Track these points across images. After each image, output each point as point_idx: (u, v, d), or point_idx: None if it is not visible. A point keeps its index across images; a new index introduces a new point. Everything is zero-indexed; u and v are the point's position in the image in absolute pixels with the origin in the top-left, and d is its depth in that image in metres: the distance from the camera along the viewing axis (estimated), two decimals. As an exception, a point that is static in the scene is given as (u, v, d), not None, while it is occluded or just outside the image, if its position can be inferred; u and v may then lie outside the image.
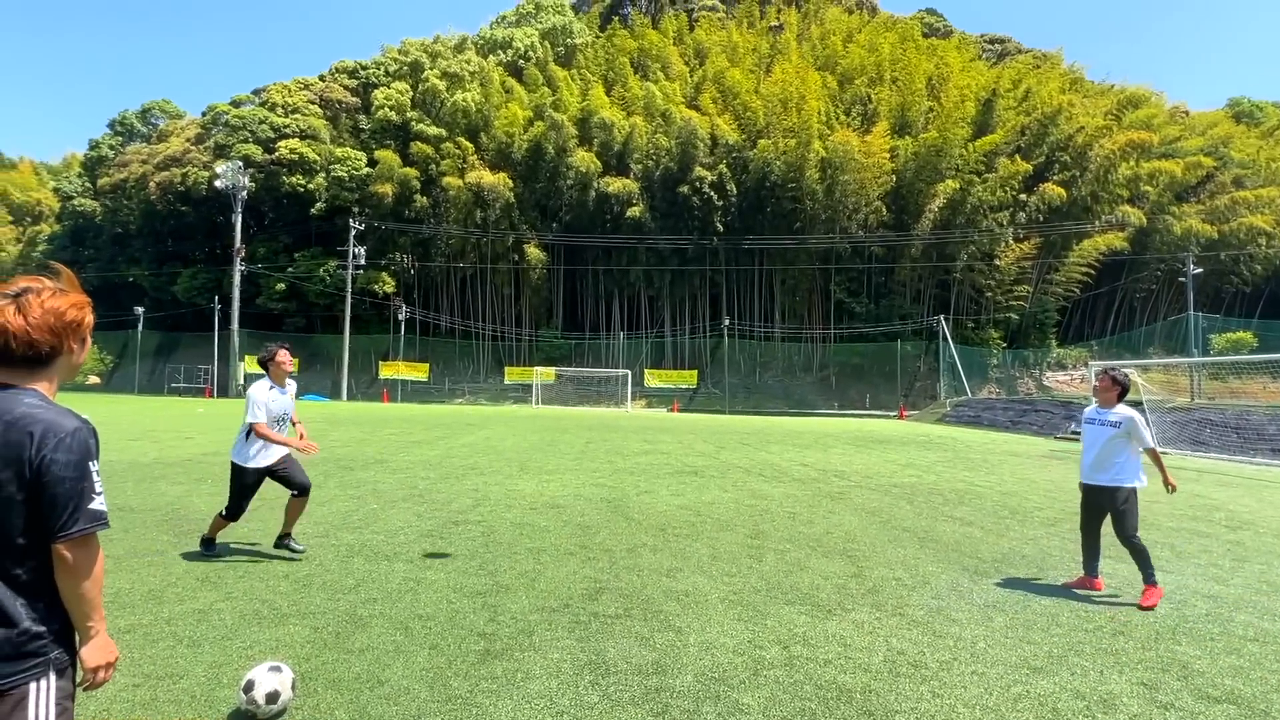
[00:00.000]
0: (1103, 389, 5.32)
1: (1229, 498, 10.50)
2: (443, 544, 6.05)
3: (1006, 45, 67.34)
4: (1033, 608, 4.64)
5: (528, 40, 58.71)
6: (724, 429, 25.17)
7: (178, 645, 3.61)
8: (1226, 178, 53.48)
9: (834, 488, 10.22)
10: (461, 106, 52.61)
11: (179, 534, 6.16)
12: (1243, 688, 3.49)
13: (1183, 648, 4.02)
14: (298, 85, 55.29)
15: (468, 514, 7.43)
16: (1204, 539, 7.27)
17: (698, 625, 4.14)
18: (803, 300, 50.62)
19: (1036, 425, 29.03)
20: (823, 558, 5.89)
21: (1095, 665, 3.71)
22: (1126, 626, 4.35)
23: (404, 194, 51.86)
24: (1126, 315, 52.80)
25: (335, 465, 11.20)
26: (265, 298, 51.59)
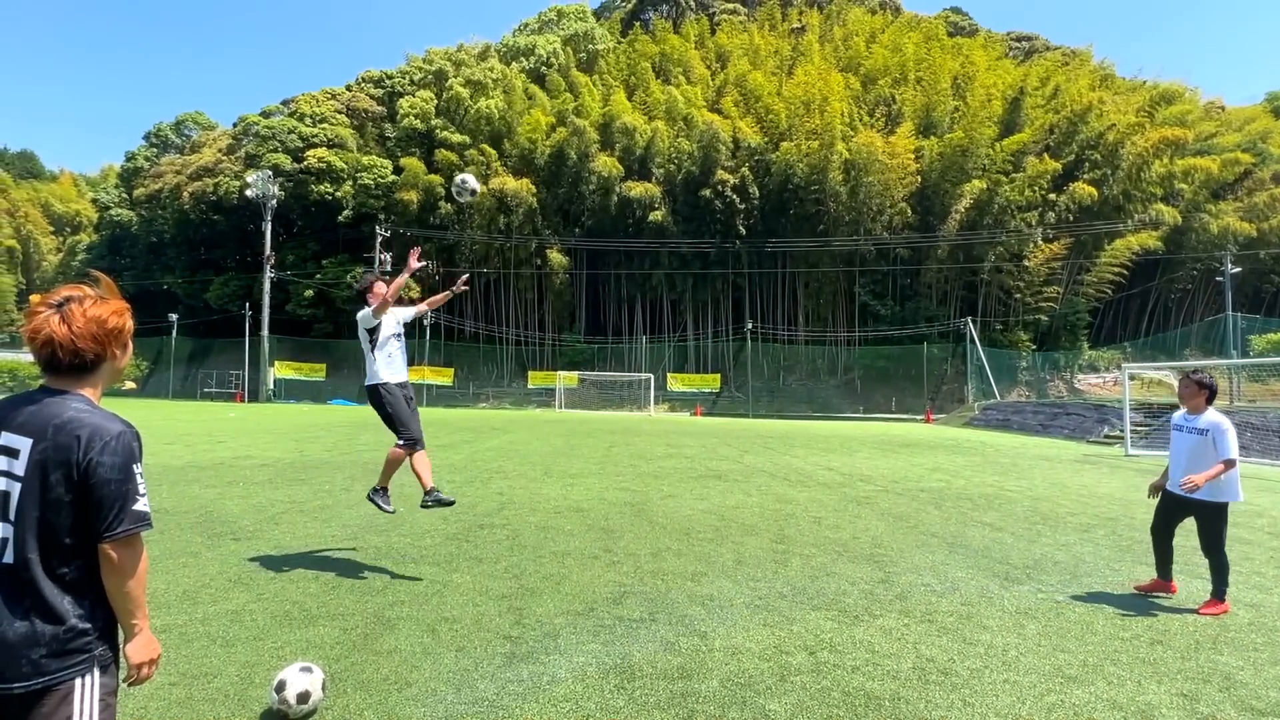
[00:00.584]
0: (1188, 395, 5.13)
1: (1271, 503, 10.20)
2: (469, 547, 6.08)
3: (1034, 43, 66.31)
4: (1066, 615, 4.55)
5: (550, 47, 59.19)
6: (747, 433, 24.97)
7: (211, 645, 3.68)
8: (1265, 174, 52.04)
9: (860, 492, 10.11)
10: (485, 114, 53.16)
11: (211, 535, 6.28)
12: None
13: (1224, 658, 3.91)
14: (325, 95, 56.33)
15: (493, 517, 7.47)
16: (1245, 545, 7.04)
17: (723, 630, 4.12)
18: (827, 303, 50.24)
19: (1068, 429, 28.41)
20: (849, 563, 5.83)
21: (1133, 675, 3.62)
22: (1165, 635, 4.23)
23: (428, 201, 52.50)
24: (1161, 316, 51.57)
25: (362, 469, 11.34)
26: (294, 304, 52.54)
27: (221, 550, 5.75)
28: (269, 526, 6.75)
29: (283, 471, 10.86)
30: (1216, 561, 4.87)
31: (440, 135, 53.36)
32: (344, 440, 17.09)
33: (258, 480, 9.82)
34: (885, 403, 45.28)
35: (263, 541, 6.10)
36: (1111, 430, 25.61)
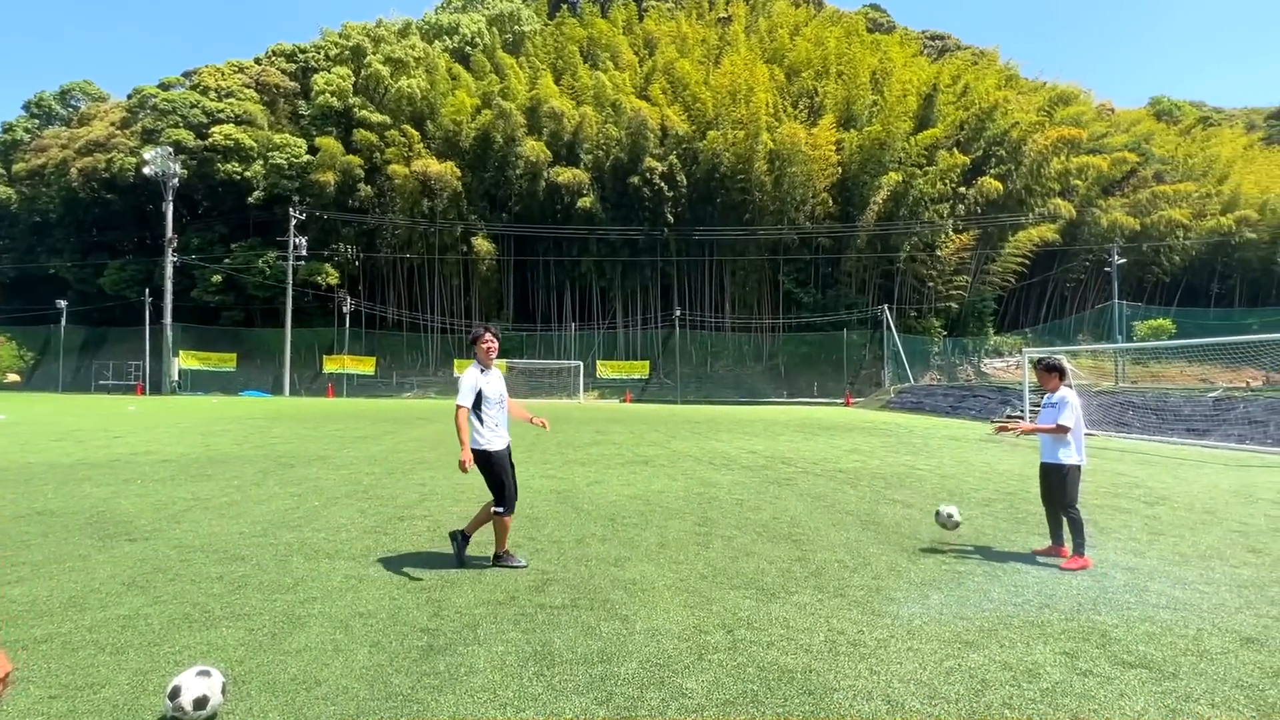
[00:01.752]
0: (1043, 379, 5.77)
1: (1148, 475, 10.97)
2: (387, 540, 5.89)
3: (946, 41, 69.26)
4: (966, 584, 4.81)
5: (474, 26, 57.61)
6: (675, 419, 25.12)
7: (100, 654, 3.44)
8: (1148, 173, 56.35)
9: (781, 474, 10.31)
10: (406, 93, 51.32)
11: (103, 537, 5.87)
12: (1154, 652, 3.69)
13: (1102, 617, 4.21)
14: (231, 68, 53.06)
15: (413, 509, 7.25)
16: (1124, 514, 7.58)
17: (644, 613, 4.16)
18: (752, 291, 51.27)
19: (975, 410, 30.03)
20: (768, 543, 5.95)
21: (1022, 637, 3.85)
22: (1052, 599, 4.52)
23: (347, 183, 50.40)
24: (1058, 304, 55.22)
25: (275, 463, 10.86)
26: (200, 290, 49.54)
27: (114, 552, 5.38)
28: (169, 525, 6.36)
29: (186, 467, 10.25)
30: (1069, 518, 5.47)
31: (359, 114, 51.20)
32: (256, 433, 16.25)
33: (158, 477, 9.23)
34: (808, 387, 46.72)
35: (161, 541, 5.74)
36: (1013, 411, 27.30)
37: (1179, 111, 69.50)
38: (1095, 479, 10.17)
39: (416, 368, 51.47)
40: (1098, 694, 3.20)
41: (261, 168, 49.33)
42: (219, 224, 51.42)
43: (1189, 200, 54.90)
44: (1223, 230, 54.24)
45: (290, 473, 9.80)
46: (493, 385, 5.14)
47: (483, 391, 5.06)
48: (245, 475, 9.47)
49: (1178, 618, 4.25)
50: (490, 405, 5.11)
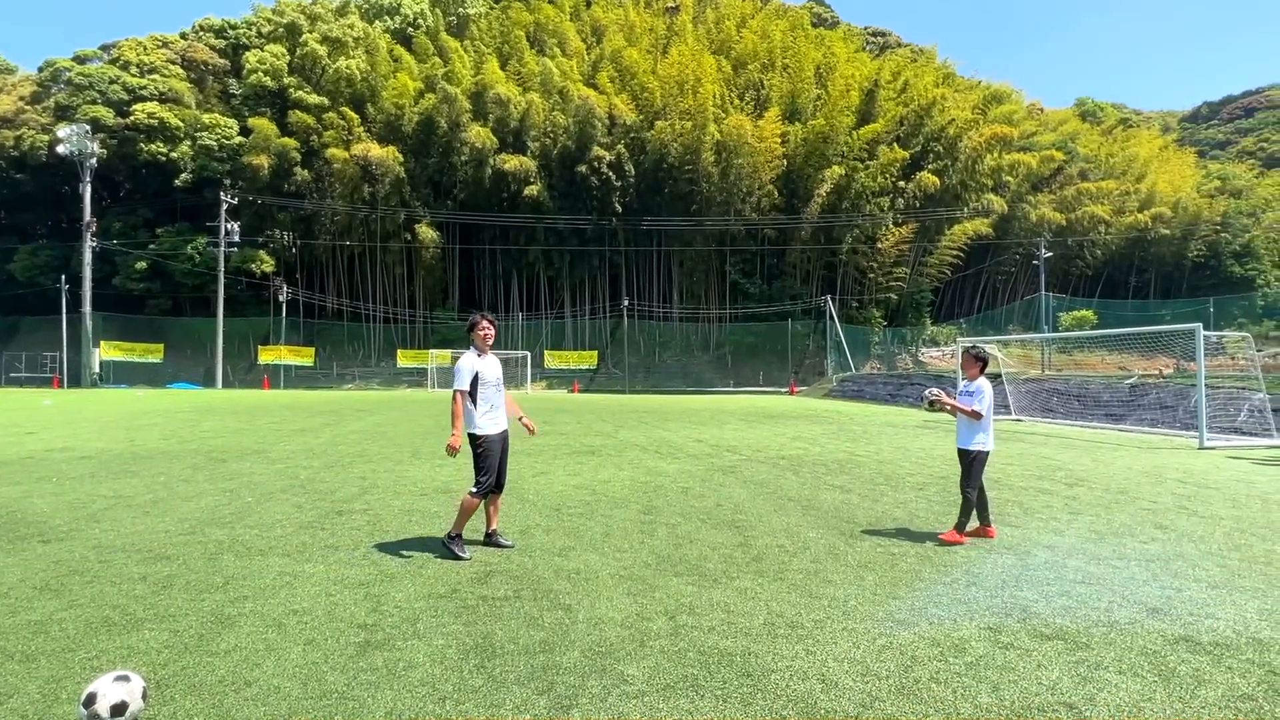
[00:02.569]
0: (965, 365, 6.02)
1: (1070, 459, 11.50)
2: (324, 535, 5.75)
3: (888, 38, 70.86)
4: (900, 566, 4.99)
5: (417, 7, 56.00)
6: (623, 408, 25.15)
7: (8, 662, 3.25)
8: (1074, 170, 59.04)
9: (726, 462, 10.46)
10: (345, 74, 49.57)
11: (14, 539, 5.54)
12: (1069, 624, 3.91)
13: (1024, 593, 4.42)
14: (155, 43, 50.22)
15: (352, 503, 7.11)
16: (1047, 495, 7.96)
17: (587, 602, 4.18)
18: (700, 281, 51.64)
19: (912, 398, 31.03)
20: (712, 529, 6.06)
21: (950, 614, 4.04)
22: (978, 578, 4.73)
23: (282, 166, 48.46)
24: (990, 296, 57.46)
25: (205, 458, 10.42)
26: (124, 278, 46.96)
27: (25, 554, 5.09)
28: (87, 525, 6.04)
29: (108, 464, 9.75)
30: (965, 496, 5.82)
31: (294, 95, 49.22)
32: (185, 426, 15.55)
33: (76, 474, 8.77)
34: (754, 376, 47.44)
35: (79, 542, 5.45)
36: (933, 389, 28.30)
37: (1102, 113, 73.01)
38: (1021, 463, 10.68)
39: (358, 358, 50.09)
40: (1017, 665, 3.37)
41: (189, 149, 46.97)
42: (143, 208, 48.76)
43: (1110, 197, 57.80)
44: (1140, 226, 57.32)
45: (222, 468, 9.46)
46: (489, 369, 5.21)
47: (480, 374, 5.12)
48: (173, 471, 9.08)
49: (1091, 591, 4.51)
50: (486, 388, 5.16)
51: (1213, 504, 7.53)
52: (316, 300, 50.16)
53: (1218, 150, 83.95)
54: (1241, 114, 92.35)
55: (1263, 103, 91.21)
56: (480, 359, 5.22)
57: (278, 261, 49.21)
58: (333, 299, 50.58)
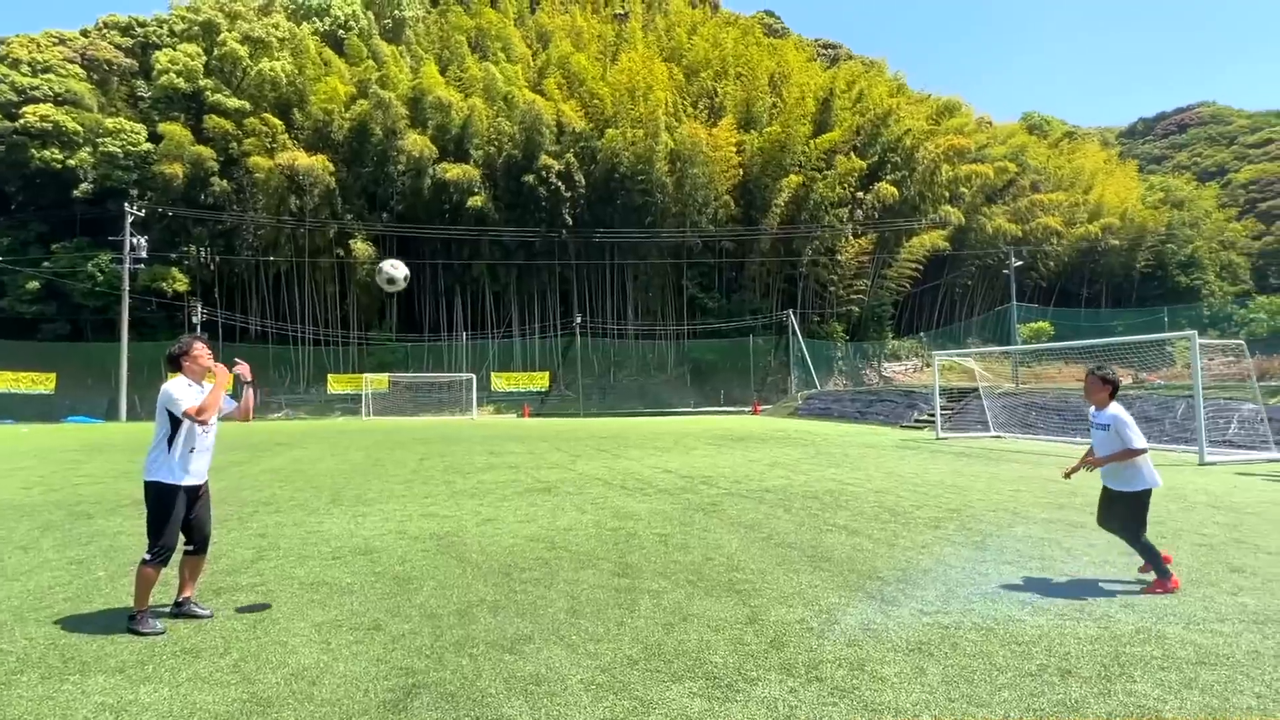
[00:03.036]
0: (1092, 390, 5.24)
1: (1077, 481, 10.50)
2: (185, 633, 4.20)
3: (839, 51, 70.63)
4: (962, 647, 3.88)
5: (348, 8, 52.72)
6: (579, 433, 23.67)
7: None
8: (1026, 182, 59.23)
9: (704, 498, 9.26)
10: (269, 77, 45.91)
11: None
12: None
13: (1138, 685, 3.38)
14: (50, 40, 45.66)
15: (240, 574, 5.53)
16: (1082, 531, 6.94)
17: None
18: (656, 296, 49.43)
19: (883, 415, 29.46)
20: (707, 596, 4.83)
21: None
22: (1069, 661, 3.67)
23: (198, 176, 44.42)
24: (949, 308, 56.84)
25: (68, 512, 8.30)
26: (12, 299, 42.06)
27: None
28: None
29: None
30: (1140, 547, 4.96)
31: (212, 99, 45.28)
32: (62, 470, 13.15)
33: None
34: (715, 395, 45.29)
35: None
36: (920, 414, 26.75)
37: (1048, 126, 74.21)
38: (1030, 489, 9.90)
39: (284, 385, 45.99)
40: None
41: (90, 156, 42.55)
42: (35, 221, 43.91)
43: (1061, 209, 58.07)
44: (1090, 237, 57.69)
45: (82, 527, 7.44)
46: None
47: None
48: (16, 533, 7.16)
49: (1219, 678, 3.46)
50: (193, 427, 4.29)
51: (1267, 535, 6.75)
52: (237, 322, 45.95)
53: (1154, 165, 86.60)
54: (1175, 130, 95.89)
55: (1194, 119, 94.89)
56: (190, 388, 4.34)
57: (193, 280, 44.95)
58: (256, 320, 46.44)
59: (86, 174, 42.64)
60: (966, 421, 23.92)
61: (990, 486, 10.02)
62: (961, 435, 21.60)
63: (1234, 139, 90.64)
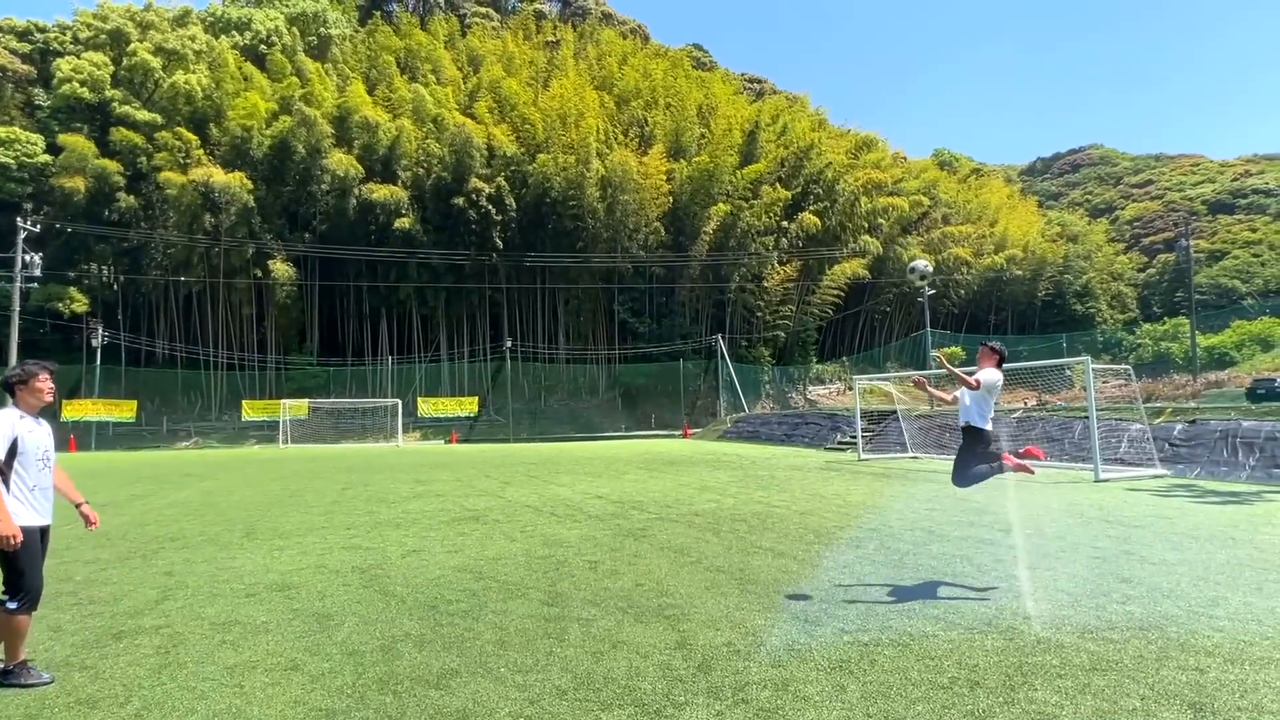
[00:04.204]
0: (983, 357, 6.13)
1: (987, 499, 10.91)
2: (84, 679, 3.94)
3: (764, 85, 73.37)
4: (880, 664, 4.04)
5: (270, 24, 51.22)
6: (509, 459, 23.30)
7: None
8: (938, 215, 62.74)
9: (634, 523, 9.28)
10: (183, 90, 43.97)
11: None
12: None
13: (1039, 693, 3.57)
14: (-65, 42, 42.43)
15: (144, 615, 5.21)
16: (990, 546, 7.27)
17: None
18: (587, 320, 49.51)
19: (808, 437, 30.22)
20: (637, 623, 4.85)
21: None
22: (978, 673, 3.85)
23: (102, 190, 41.89)
24: (869, 334, 59.25)
25: None
26: (-119, 320, 38.22)
27: None
28: None
29: None
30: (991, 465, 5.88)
31: (119, 110, 42.95)
32: None
33: None
34: (645, 419, 45.50)
35: None
36: (843, 436, 27.63)
37: (957, 163, 79.06)
38: (943, 506, 10.33)
39: (195, 411, 43.44)
40: None
41: (-23, 166, 39.51)
42: (-88, 235, 40.30)
43: (970, 240, 61.75)
44: (996, 268, 61.51)
45: None
46: (36, 438, 4.07)
47: (20, 441, 3.97)
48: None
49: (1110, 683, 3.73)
50: (28, 463, 4.01)
51: (1152, 546, 7.17)
52: (143, 345, 43.25)
53: (1051, 201, 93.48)
54: (1069, 169, 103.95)
55: (1085, 159, 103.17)
56: (23, 420, 4.02)
57: (94, 300, 42.11)
58: (164, 343, 43.83)
59: (-28, 185, 39.52)
60: (886, 443, 24.78)
61: (908, 506, 10.44)
62: (882, 456, 22.27)
63: (1120, 179, 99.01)
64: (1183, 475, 14.50)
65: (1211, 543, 7.31)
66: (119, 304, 43.56)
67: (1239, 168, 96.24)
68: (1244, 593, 5.32)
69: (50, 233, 39.88)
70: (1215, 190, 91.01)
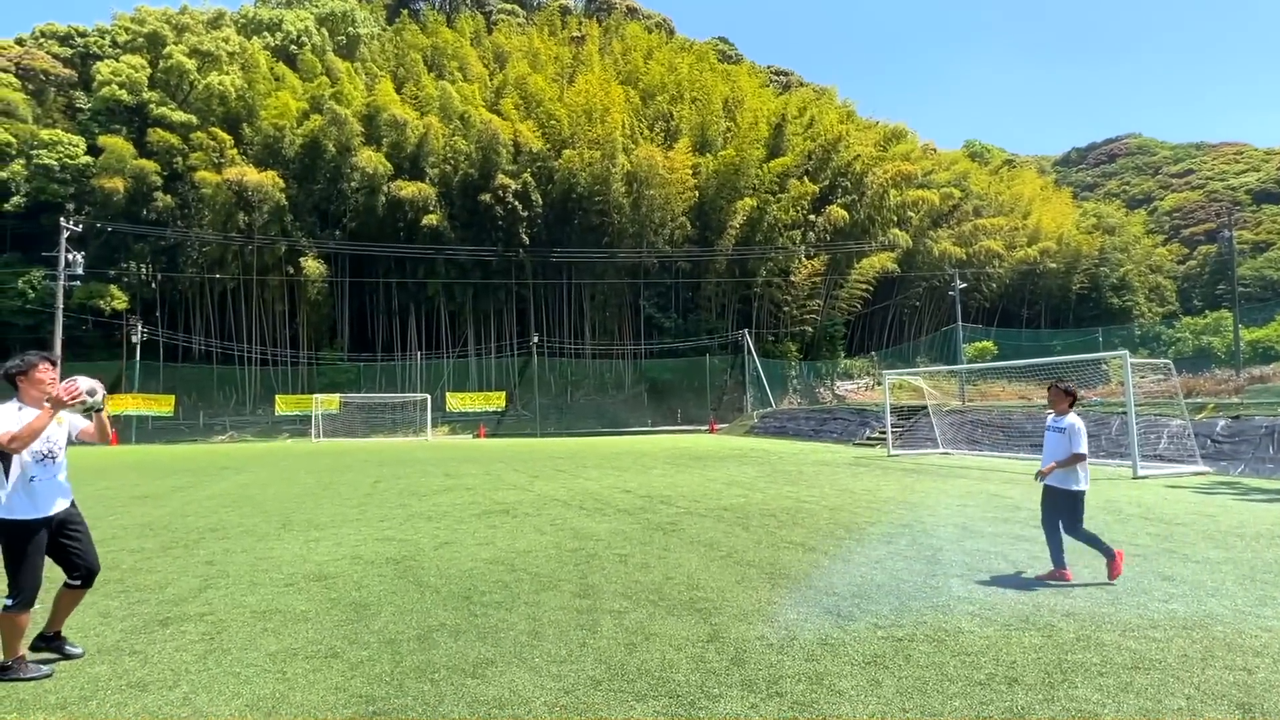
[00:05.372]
0: (1054, 400, 5.92)
1: (1020, 495, 10.83)
2: (132, 665, 4.02)
3: (790, 78, 72.63)
4: (915, 659, 4.01)
5: (301, 24, 52.04)
6: (536, 454, 23.49)
7: None
8: (969, 207, 61.58)
9: (663, 517, 9.29)
10: (218, 91, 44.90)
11: None
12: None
13: (1079, 690, 3.54)
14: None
15: (188, 603, 5.37)
16: (1025, 544, 7.17)
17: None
18: (613, 316, 49.57)
19: (836, 433, 29.95)
20: (669, 616, 4.87)
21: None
22: (1015, 670, 3.81)
23: (140, 190, 42.99)
24: (898, 329, 58.43)
25: None
26: (-67, 316, 39.83)
27: None
28: None
29: None
30: (1079, 538, 5.65)
31: (156, 112, 44.03)
32: None
33: None
34: (671, 415, 45.47)
35: None
36: (872, 432, 27.33)
37: (989, 154, 77.52)
38: (977, 502, 10.22)
39: (230, 406, 44.46)
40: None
41: (23, 168, 40.81)
42: (-38, 236, 41.87)
43: (1002, 233, 60.52)
44: (1029, 260, 60.25)
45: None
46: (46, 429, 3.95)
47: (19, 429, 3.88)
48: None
49: (1155, 681, 3.74)
50: (32, 457, 3.90)
51: (1195, 544, 7.05)
52: (180, 341, 44.36)
53: (1087, 192, 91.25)
54: (1105, 159, 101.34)
55: (1122, 149, 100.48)
56: (22, 413, 3.88)
57: (133, 298, 43.29)
58: (200, 340, 44.90)
59: (19, 187, 40.85)
60: (917, 439, 24.47)
61: (940, 502, 10.32)
62: (912, 452, 22.03)
63: (1158, 169, 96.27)
64: (1226, 472, 14.18)
65: (1258, 541, 7.12)
66: (157, 301, 44.70)
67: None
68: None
69: (91, 232, 41.06)
70: (1260, 179, 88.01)
